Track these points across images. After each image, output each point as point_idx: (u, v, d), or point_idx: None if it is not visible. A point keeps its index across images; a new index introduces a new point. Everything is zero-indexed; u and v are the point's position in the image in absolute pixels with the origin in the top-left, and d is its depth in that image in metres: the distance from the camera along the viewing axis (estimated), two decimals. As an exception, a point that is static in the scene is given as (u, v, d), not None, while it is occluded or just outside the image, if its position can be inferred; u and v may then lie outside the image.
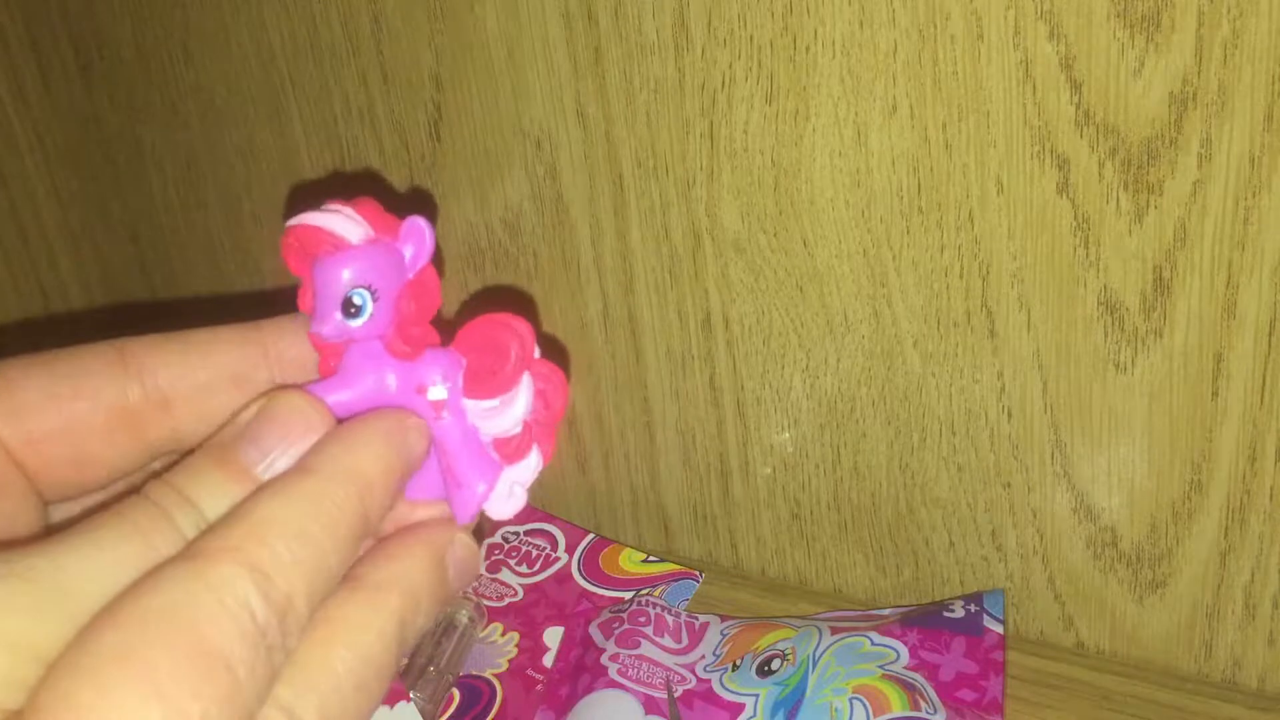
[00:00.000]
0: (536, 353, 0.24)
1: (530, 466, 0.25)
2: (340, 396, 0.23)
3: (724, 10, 0.43)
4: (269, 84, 0.56)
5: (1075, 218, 0.40)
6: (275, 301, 0.26)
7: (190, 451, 0.22)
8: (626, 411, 0.54)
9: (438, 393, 0.24)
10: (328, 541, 0.20)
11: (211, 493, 0.20)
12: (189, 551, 0.18)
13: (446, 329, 0.25)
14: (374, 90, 0.53)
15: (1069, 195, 0.40)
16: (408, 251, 0.24)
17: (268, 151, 0.58)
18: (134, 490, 0.20)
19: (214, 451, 0.21)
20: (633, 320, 0.52)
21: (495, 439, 0.24)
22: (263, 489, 0.20)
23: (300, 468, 0.21)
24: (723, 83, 0.44)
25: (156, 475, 0.21)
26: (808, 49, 0.42)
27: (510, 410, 0.24)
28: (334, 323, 0.23)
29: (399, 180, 0.54)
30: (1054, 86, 0.39)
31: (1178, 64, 0.37)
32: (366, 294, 0.23)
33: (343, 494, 0.20)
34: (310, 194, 0.59)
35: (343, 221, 0.23)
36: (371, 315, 0.23)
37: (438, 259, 0.25)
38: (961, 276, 0.43)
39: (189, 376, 0.24)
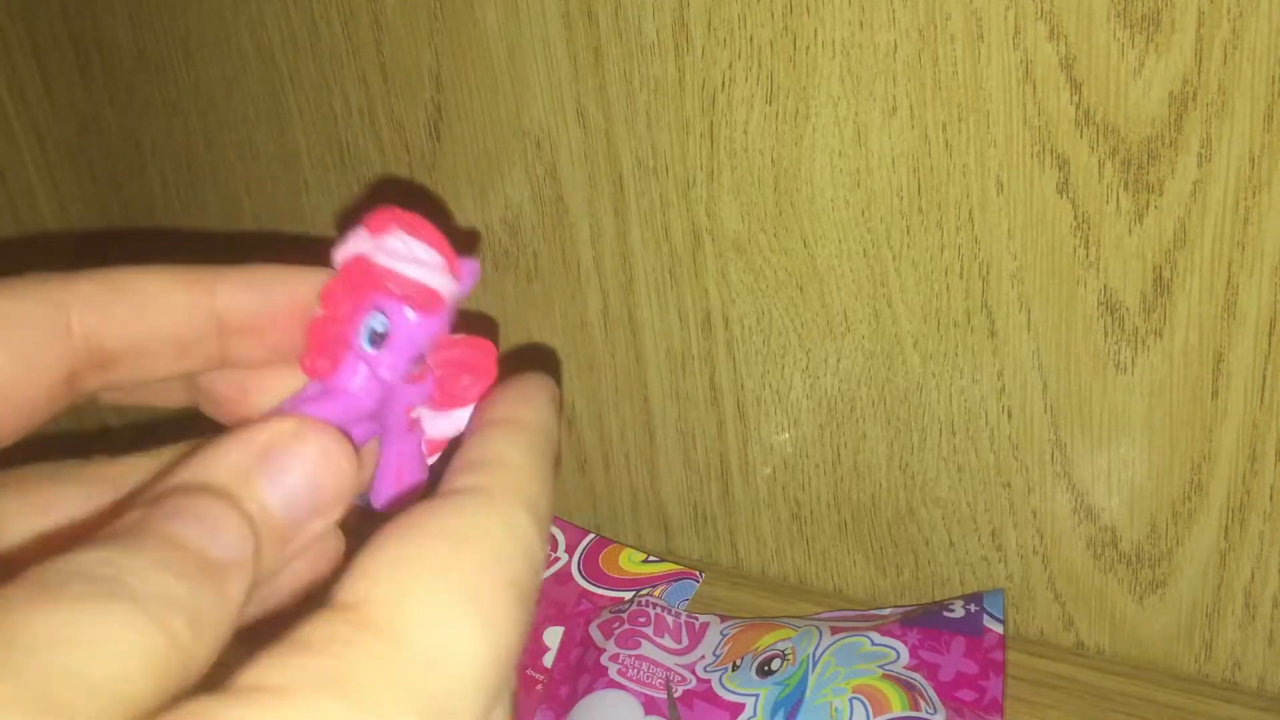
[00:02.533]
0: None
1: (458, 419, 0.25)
2: (323, 412, 0.22)
3: (724, 10, 0.43)
4: (269, 84, 0.56)
5: (1075, 218, 0.40)
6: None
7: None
8: (626, 411, 0.54)
9: (420, 412, 0.24)
10: (551, 484, 0.21)
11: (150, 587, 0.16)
12: (474, 486, 0.19)
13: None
14: (374, 90, 0.53)
15: (1069, 195, 0.40)
16: (460, 289, 0.24)
17: (268, 151, 0.58)
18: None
19: (139, 536, 0.18)
20: (633, 320, 0.52)
21: (430, 440, 0.25)
22: (504, 439, 0.21)
23: (519, 424, 0.21)
24: (723, 83, 0.44)
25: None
26: (808, 49, 0.42)
27: (456, 423, 0.24)
28: (401, 372, 0.23)
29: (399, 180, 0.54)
30: (1054, 86, 0.39)
31: (1178, 64, 0.37)
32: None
33: (549, 447, 0.21)
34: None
35: (441, 280, 0.23)
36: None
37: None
38: (961, 276, 0.43)
39: (132, 337, 0.22)
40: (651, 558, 0.54)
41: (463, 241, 0.54)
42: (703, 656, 0.47)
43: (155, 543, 0.16)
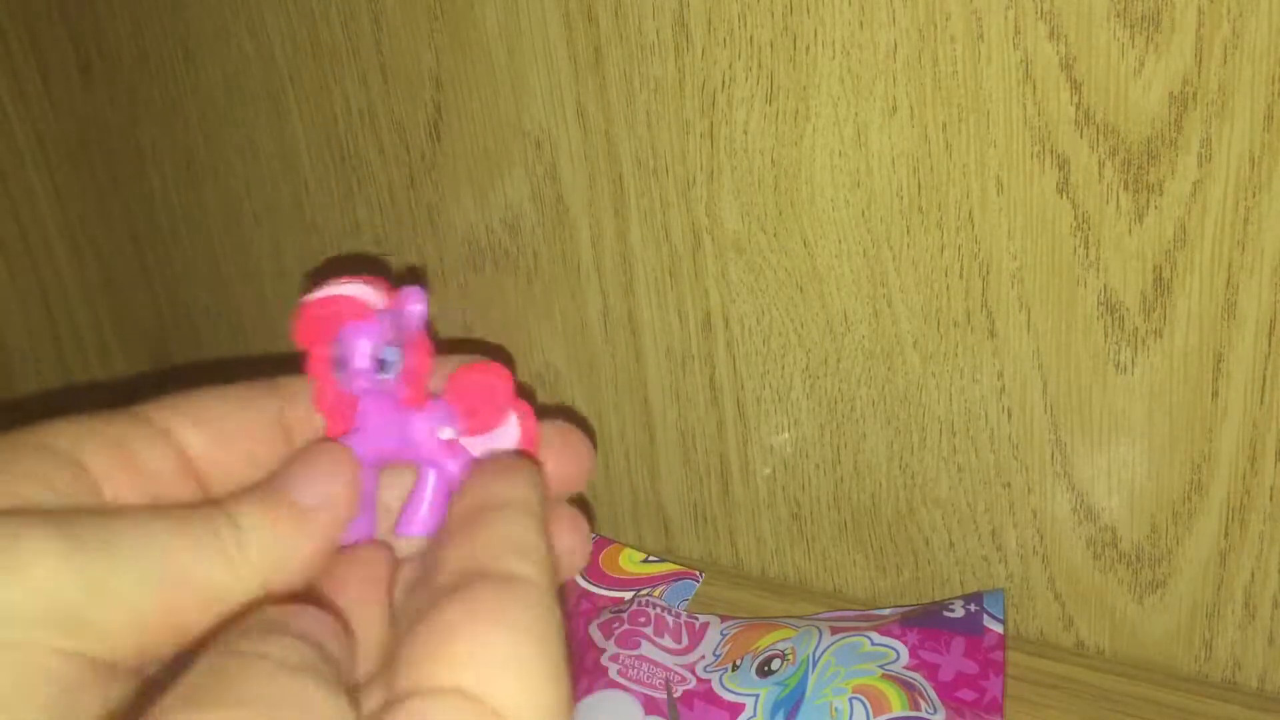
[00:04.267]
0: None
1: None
2: (371, 445, 0.27)
3: (724, 10, 0.43)
4: (269, 84, 0.56)
5: (1075, 218, 0.40)
6: (273, 305, 0.27)
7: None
8: (626, 411, 0.54)
9: (448, 433, 0.27)
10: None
11: (249, 513, 0.23)
12: (526, 577, 0.22)
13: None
14: (374, 90, 0.53)
15: (1069, 195, 0.40)
16: (410, 317, 0.28)
17: (268, 151, 0.58)
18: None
19: (259, 490, 0.24)
20: (633, 320, 0.52)
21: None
22: (533, 526, 0.24)
23: (513, 506, 0.24)
24: (723, 83, 0.44)
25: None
26: (808, 49, 0.42)
27: (502, 442, 0.27)
28: (369, 378, 0.26)
29: (399, 180, 0.54)
30: (1054, 86, 0.39)
31: (1178, 64, 0.37)
32: (396, 351, 0.26)
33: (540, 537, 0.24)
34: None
35: (363, 290, 0.27)
36: (398, 370, 0.27)
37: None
38: (961, 276, 0.43)
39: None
40: (651, 558, 0.54)
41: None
42: (703, 656, 0.47)
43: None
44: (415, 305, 0.28)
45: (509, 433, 0.27)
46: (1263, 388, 0.40)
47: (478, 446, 0.27)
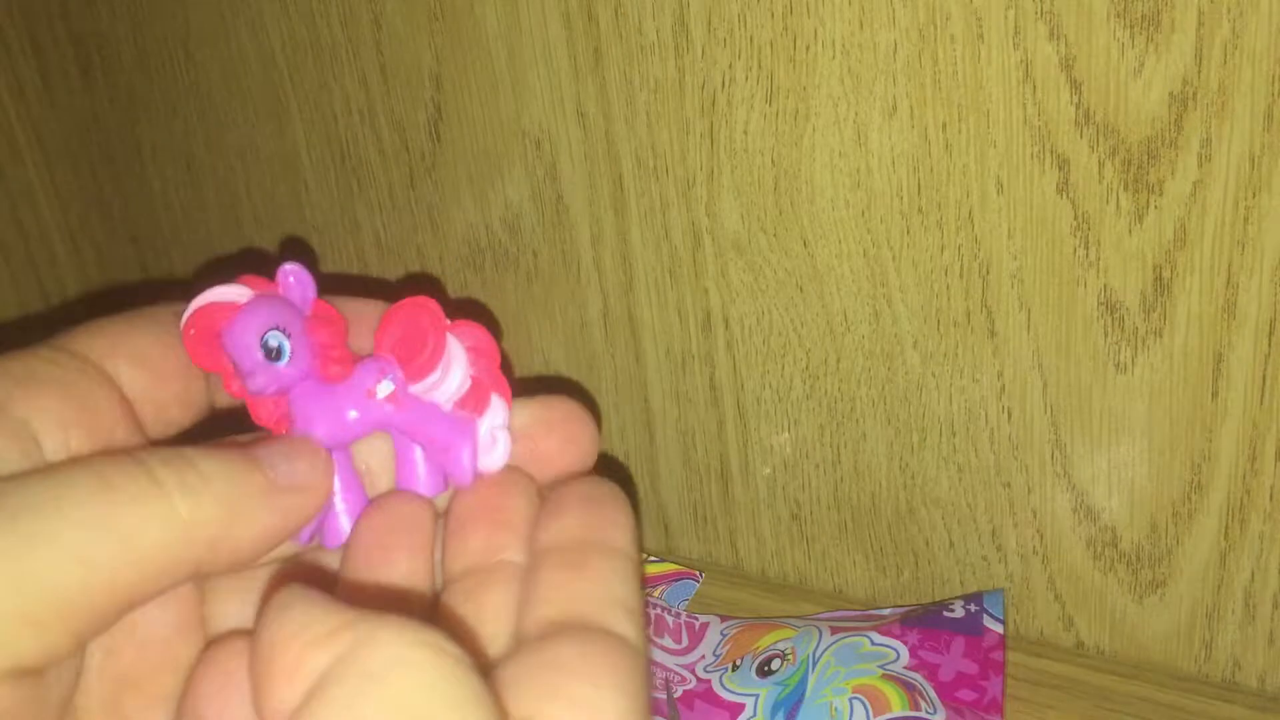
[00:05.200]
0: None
1: (497, 410, 0.27)
2: (316, 434, 0.25)
3: (724, 10, 0.43)
4: (269, 84, 0.56)
5: (1075, 218, 0.40)
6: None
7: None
8: (626, 411, 0.54)
9: (385, 388, 0.25)
10: None
11: (216, 461, 0.22)
12: (624, 634, 0.21)
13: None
14: (374, 90, 0.53)
15: (1069, 195, 0.40)
16: (294, 293, 0.26)
17: (268, 151, 0.58)
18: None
19: (229, 450, 0.23)
20: (633, 320, 0.52)
21: (455, 404, 0.26)
22: (626, 579, 0.23)
23: (619, 556, 0.24)
24: (723, 83, 0.44)
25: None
26: (808, 49, 0.42)
27: (451, 374, 0.26)
28: (263, 370, 0.24)
29: (399, 180, 0.54)
30: (1054, 86, 0.39)
31: (1178, 64, 0.37)
32: (280, 334, 0.25)
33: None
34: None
35: (226, 290, 0.25)
36: (292, 354, 0.25)
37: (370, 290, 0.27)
38: (961, 276, 0.43)
39: None
40: (651, 558, 0.54)
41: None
42: (703, 656, 0.47)
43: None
44: (291, 279, 0.26)
45: (456, 363, 0.26)
46: (1263, 388, 0.40)
47: (435, 390, 0.26)
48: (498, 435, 0.26)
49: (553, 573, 0.23)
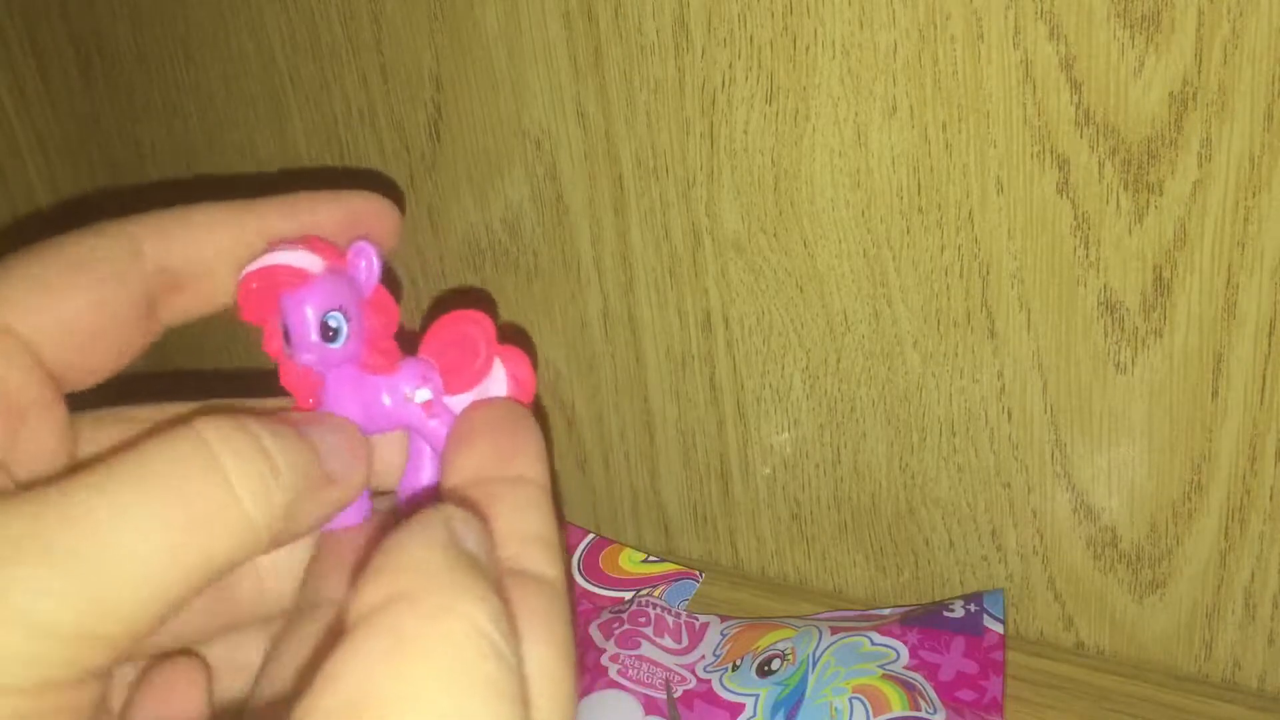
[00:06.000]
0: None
1: None
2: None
3: (724, 10, 0.43)
4: (269, 84, 0.56)
5: (1075, 218, 0.40)
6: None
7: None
8: (626, 411, 0.54)
9: (423, 395, 0.25)
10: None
11: (281, 442, 0.20)
12: (542, 577, 0.20)
13: (409, 339, 0.26)
14: (374, 90, 0.53)
15: (1069, 195, 0.40)
16: (361, 275, 0.25)
17: (268, 151, 0.58)
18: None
19: (287, 430, 0.21)
20: (633, 320, 0.52)
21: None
22: (520, 501, 0.21)
23: (527, 484, 0.22)
24: (723, 83, 0.44)
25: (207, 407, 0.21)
26: (808, 49, 0.42)
27: (489, 395, 0.25)
28: (315, 348, 0.24)
29: (399, 180, 0.54)
30: (1054, 86, 0.39)
31: (1178, 64, 0.37)
32: (340, 316, 0.24)
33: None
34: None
35: (301, 256, 0.25)
36: (347, 337, 0.24)
37: (390, 280, 0.26)
38: (961, 276, 0.43)
39: (194, 259, 0.25)
40: (651, 558, 0.54)
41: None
42: (703, 656, 0.47)
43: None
44: (363, 262, 0.25)
45: (495, 386, 0.25)
46: (1263, 388, 0.40)
47: (463, 405, 0.25)
48: None
49: (456, 442, 0.21)
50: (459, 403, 0.25)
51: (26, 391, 0.21)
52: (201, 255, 0.25)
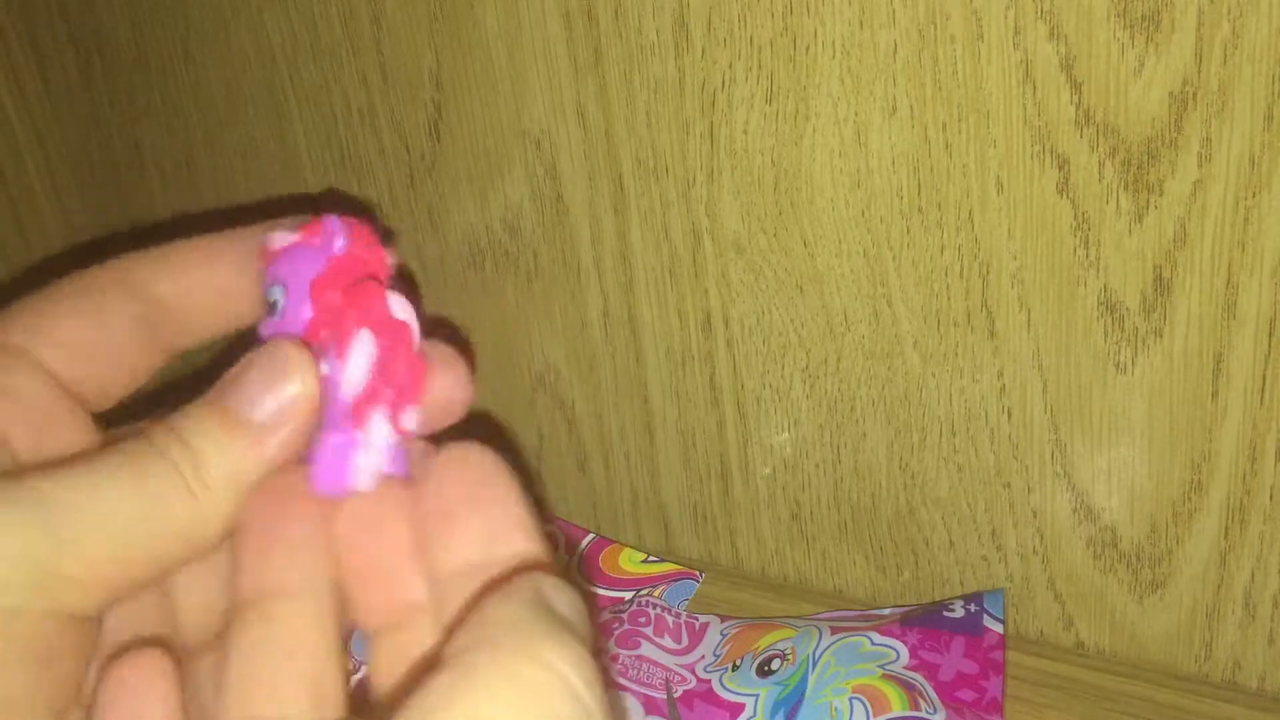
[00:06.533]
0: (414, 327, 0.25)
1: (366, 440, 0.23)
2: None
3: (724, 10, 0.43)
4: (269, 84, 0.56)
5: (1075, 218, 0.40)
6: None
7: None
8: (626, 411, 0.54)
9: (275, 293, 0.24)
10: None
11: (208, 439, 0.22)
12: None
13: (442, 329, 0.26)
14: (374, 90, 0.53)
15: (1069, 195, 0.40)
16: (318, 249, 0.25)
17: (268, 151, 0.58)
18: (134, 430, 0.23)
19: (209, 401, 0.23)
20: (633, 320, 0.52)
21: (350, 401, 0.23)
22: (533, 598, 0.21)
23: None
24: (723, 83, 0.44)
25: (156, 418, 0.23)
26: (808, 49, 0.42)
27: (348, 369, 0.23)
28: (265, 323, 0.24)
29: (399, 180, 0.54)
30: (1054, 86, 0.39)
31: (1178, 64, 0.37)
32: (280, 290, 0.24)
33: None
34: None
35: (276, 235, 0.25)
36: (285, 310, 0.24)
37: (407, 285, 0.26)
38: (961, 276, 0.43)
39: (178, 291, 0.26)
40: (651, 558, 0.54)
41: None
42: (703, 656, 0.47)
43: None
44: (317, 239, 0.25)
45: (350, 361, 0.23)
46: (1263, 388, 0.40)
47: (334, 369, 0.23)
48: (358, 462, 0.23)
49: (439, 522, 0.21)
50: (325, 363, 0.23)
51: (42, 398, 0.23)
52: (182, 286, 0.26)
